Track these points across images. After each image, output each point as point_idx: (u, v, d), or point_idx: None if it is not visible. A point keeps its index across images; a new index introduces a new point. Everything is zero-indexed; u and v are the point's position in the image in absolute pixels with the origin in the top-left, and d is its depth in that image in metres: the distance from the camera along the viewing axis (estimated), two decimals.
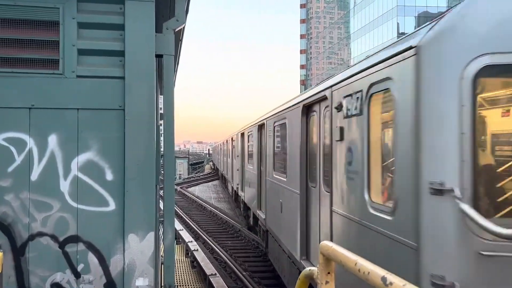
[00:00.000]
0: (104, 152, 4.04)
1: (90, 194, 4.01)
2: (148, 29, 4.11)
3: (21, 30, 3.96)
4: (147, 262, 4.05)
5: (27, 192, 3.92)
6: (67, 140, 3.99)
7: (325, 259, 2.15)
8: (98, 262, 4.01)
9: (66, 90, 4.00)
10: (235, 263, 13.02)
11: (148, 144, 4.08)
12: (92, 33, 4.09)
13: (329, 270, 2.13)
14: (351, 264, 1.82)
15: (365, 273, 1.65)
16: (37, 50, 3.98)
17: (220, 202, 29.50)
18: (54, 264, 3.94)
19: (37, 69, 3.97)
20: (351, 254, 1.92)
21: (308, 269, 2.40)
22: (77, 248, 3.98)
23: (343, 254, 1.92)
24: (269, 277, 11.94)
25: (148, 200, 4.07)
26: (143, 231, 4.04)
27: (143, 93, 4.08)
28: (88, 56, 4.07)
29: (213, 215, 23.22)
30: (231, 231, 18.82)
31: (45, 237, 3.95)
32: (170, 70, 4.33)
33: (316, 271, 2.23)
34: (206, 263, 11.68)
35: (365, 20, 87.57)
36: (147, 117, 4.08)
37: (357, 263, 1.76)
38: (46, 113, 3.96)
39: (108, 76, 4.07)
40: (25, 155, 3.92)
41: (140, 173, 4.04)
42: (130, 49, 4.07)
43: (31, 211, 3.92)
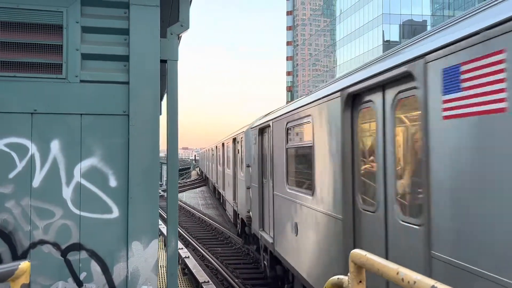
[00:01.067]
0: (108, 158, 3.97)
1: (93, 201, 3.93)
2: (153, 34, 4.07)
3: (24, 33, 3.89)
4: (151, 270, 3.98)
5: (28, 199, 3.83)
6: (69, 146, 3.92)
7: (356, 267, 2.12)
8: (101, 271, 3.93)
9: (69, 95, 3.93)
10: (227, 270, 12.94)
11: (152, 150, 4.03)
12: (96, 38, 4.03)
13: (360, 278, 2.09)
14: (392, 273, 1.77)
15: (410, 282, 1.61)
16: (40, 54, 3.91)
17: (208, 208, 29.36)
18: (56, 272, 3.85)
19: (39, 74, 3.89)
20: (389, 262, 1.88)
21: (336, 277, 2.35)
22: (79, 256, 3.90)
23: (380, 263, 1.88)
24: (261, 284, 11.89)
25: (152, 207, 4.01)
26: (147, 238, 3.98)
27: (148, 98, 4.03)
28: (92, 61, 4.02)
29: (202, 222, 23.09)
30: (221, 238, 18.72)
31: (46, 245, 3.85)
32: (174, 76, 4.28)
33: (346, 280, 2.20)
34: (198, 270, 11.58)
35: (350, 28, 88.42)
36: (151, 123, 4.03)
37: (399, 272, 1.71)
38: (48, 118, 3.89)
39: (112, 81, 4.02)
40: (27, 161, 3.84)
41: (144, 180, 3.98)
42: (135, 54, 4.02)
43: (33, 219, 3.83)
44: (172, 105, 4.27)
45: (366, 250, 4.84)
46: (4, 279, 1.93)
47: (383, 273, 1.85)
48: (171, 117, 4.27)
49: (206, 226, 21.95)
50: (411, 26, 76.52)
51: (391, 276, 1.78)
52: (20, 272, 1.97)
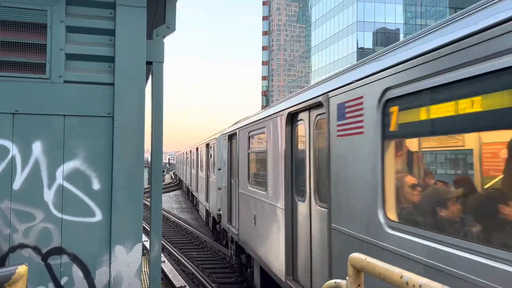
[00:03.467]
0: (91, 160, 3.90)
1: (75, 204, 3.85)
2: (139, 35, 4.02)
3: (6, 32, 3.79)
4: (134, 275, 3.92)
5: (8, 202, 3.72)
6: (52, 148, 3.83)
7: (355, 271, 2.13)
8: (83, 275, 3.84)
9: (53, 96, 3.84)
10: (203, 275, 12.84)
11: (137, 153, 3.97)
12: (81, 38, 3.96)
13: (359, 282, 2.10)
14: (396, 277, 1.77)
15: (416, 286, 1.62)
16: (23, 53, 3.81)
17: (183, 212, 29.11)
18: (36, 277, 3.74)
19: (22, 73, 3.80)
20: (391, 266, 1.89)
21: (333, 281, 2.35)
22: (60, 260, 3.81)
23: (383, 267, 1.87)
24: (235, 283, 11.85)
25: (136, 210, 3.95)
26: (130, 242, 3.92)
27: (133, 100, 3.98)
28: (77, 61, 3.94)
29: (176, 226, 22.86)
30: (196, 242, 18.57)
31: (26, 249, 3.75)
32: (160, 78, 4.24)
33: (344, 284, 2.19)
34: (174, 275, 11.45)
35: (325, 35, 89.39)
36: (136, 125, 3.97)
37: (403, 275, 1.72)
38: (30, 119, 3.79)
39: (96, 82, 3.95)
40: (7, 163, 3.73)
41: (128, 183, 3.92)
42: (120, 55, 3.97)
43: (13, 222, 3.72)
44: (157, 108, 4.23)
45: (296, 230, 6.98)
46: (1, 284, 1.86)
47: (385, 277, 1.86)
48: (156, 119, 4.23)
49: (181, 230, 21.74)
50: (385, 34, 77.91)
51: (394, 280, 1.79)
52: (18, 277, 1.91)
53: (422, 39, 3.94)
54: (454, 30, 3.41)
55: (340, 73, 5.70)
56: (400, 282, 1.74)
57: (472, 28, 3.14)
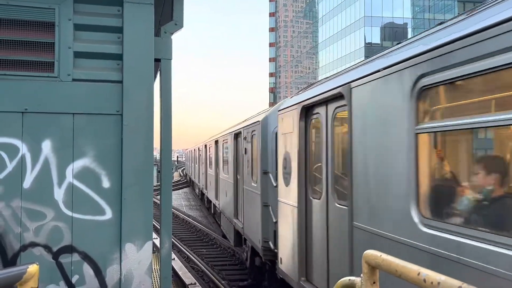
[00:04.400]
0: (101, 158, 3.89)
1: (85, 202, 3.85)
2: (147, 32, 4.01)
3: (15, 31, 3.79)
4: (145, 273, 3.92)
5: (19, 201, 3.72)
6: (61, 146, 3.83)
7: (370, 268, 2.10)
8: (94, 273, 3.84)
9: (61, 94, 3.84)
10: (213, 272, 12.86)
11: (146, 151, 3.96)
12: (89, 35, 3.95)
13: (374, 280, 2.05)
14: (413, 274, 1.73)
15: (434, 284, 1.57)
16: (31, 52, 3.81)
17: (192, 209, 29.19)
18: (47, 276, 3.75)
19: (31, 72, 3.80)
20: (408, 263, 1.82)
21: (347, 278, 2.32)
22: (71, 258, 3.81)
23: (399, 264, 1.81)
24: (248, 286, 11.85)
25: (146, 208, 3.95)
26: (140, 240, 3.91)
27: (142, 98, 3.97)
28: (85, 59, 3.93)
29: (186, 223, 22.93)
30: (206, 239, 18.61)
31: (37, 248, 3.76)
32: (168, 75, 4.22)
33: (359, 281, 2.16)
34: (184, 272, 11.47)
35: (332, 30, 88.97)
36: (145, 122, 3.96)
37: (421, 272, 1.67)
38: (40, 118, 3.79)
39: (105, 80, 3.94)
40: (17, 162, 3.74)
41: (138, 180, 3.92)
42: (129, 52, 3.95)
43: (23, 220, 3.73)
44: (165, 105, 4.21)
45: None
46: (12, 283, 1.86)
47: (401, 274, 1.82)
48: (165, 117, 4.21)
49: (190, 227, 21.81)
50: (392, 28, 77.38)
51: (411, 277, 1.74)
52: (29, 276, 1.90)
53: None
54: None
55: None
56: (417, 280, 1.70)
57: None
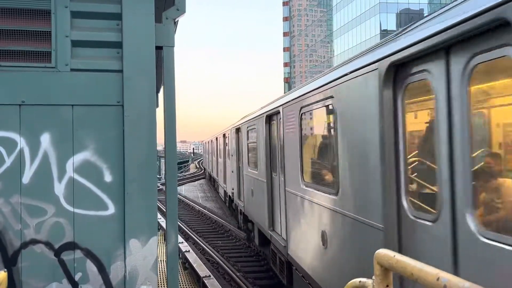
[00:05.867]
0: (102, 151, 3.74)
1: (87, 197, 3.70)
2: (147, 18, 3.82)
3: (9, 19, 3.64)
4: (150, 269, 3.77)
5: (18, 196, 3.60)
6: (61, 139, 3.68)
7: (383, 270, 1.89)
8: (98, 270, 3.71)
9: (60, 85, 3.69)
10: (228, 264, 12.76)
11: (149, 143, 3.80)
12: (87, 23, 3.78)
13: (387, 282, 1.85)
14: (431, 278, 1.52)
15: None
16: (27, 41, 3.66)
17: (208, 201, 29.18)
18: (49, 273, 3.63)
19: (27, 62, 3.65)
20: (425, 265, 1.61)
21: (357, 280, 2.12)
22: (74, 255, 3.68)
23: (415, 267, 1.59)
24: (263, 277, 11.72)
25: (150, 202, 3.79)
26: (145, 236, 3.76)
27: (143, 87, 3.79)
28: (83, 48, 3.77)
29: (201, 215, 22.90)
30: (221, 231, 18.54)
31: (39, 245, 3.63)
32: (170, 63, 4.04)
33: (370, 284, 1.96)
34: (199, 264, 11.38)
35: (347, 18, 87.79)
36: (147, 113, 3.79)
37: (440, 277, 1.47)
38: (37, 110, 3.65)
39: (104, 69, 3.77)
40: (16, 156, 3.60)
41: (141, 174, 3.76)
42: (128, 40, 3.78)
43: (23, 217, 3.60)
44: (169, 94, 4.03)
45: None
46: None
47: (418, 278, 1.60)
48: (168, 106, 4.04)
49: (206, 219, 21.76)
50: (408, 14, 75.97)
51: (429, 281, 1.53)
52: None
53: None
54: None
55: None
56: (437, 285, 1.48)
57: None
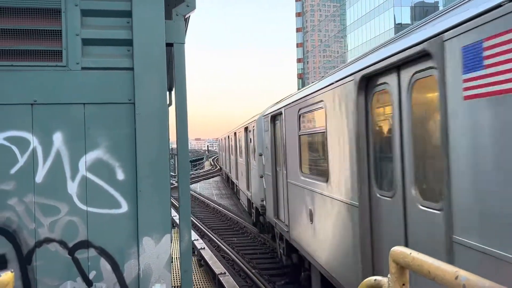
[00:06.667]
0: (114, 149, 3.73)
1: (100, 195, 3.70)
2: (157, 15, 3.80)
3: (20, 19, 3.64)
4: (164, 267, 3.76)
5: (32, 195, 3.61)
6: (73, 138, 3.68)
7: (399, 268, 1.83)
8: (111, 269, 3.71)
9: (71, 84, 3.69)
10: (243, 261, 12.75)
11: (161, 140, 3.78)
12: (97, 21, 3.78)
13: (403, 281, 1.79)
14: (449, 277, 1.45)
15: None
16: (38, 40, 3.66)
17: (222, 198, 29.23)
18: (63, 272, 3.64)
19: (38, 62, 3.65)
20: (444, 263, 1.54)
21: (372, 278, 2.05)
22: (88, 254, 3.68)
23: (432, 264, 1.52)
24: (278, 274, 11.68)
25: (163, 200, 3.77)
26: (158, 233, 3.75)
27: (154, 85, 3.78)
28: (94, 46, 3.77)
29: (216, 212, 22.93)
30: (236, 228, 18.54)
31: (53, 244, 3.64)
32: (181, 60, 4.01)
33: (386, 282, 1.91)
34: (214, 261, 11.37)
35: (361, 12, 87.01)
36: (159, 111, 3.77)
37: (459, 276, 1.40)
38: (49, 109, 3.65)
39: (115, 67, 3.77)
40: (29, 155, 3.62)
41: (153, 172, 3.74)
42: (139, 37, 3.76)
43: (37, 216, 3.62)
44: (180, 91, 4.01)
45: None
46: None
47: (435, 276, 1.54)
48: (180, 104, 4.01)
49: (221, 216, 21.79)
50: (423, 8, 75.03)
51: (447, 280, 1.46)
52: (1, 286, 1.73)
53: None
54: None
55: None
56: (455, 284, 1.41)
57: None
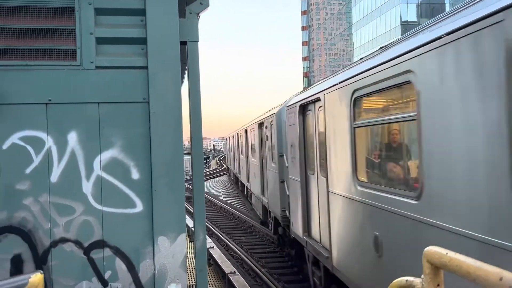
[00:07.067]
0: (129, 149, 3.71)
1: (115, 195, 3.68)
2: (171, 13, 3.77)
3: (33, 18, 3.63)
4: (179, 267, 3.74)
5: (47, 195, 3.60)
6: (88, 137, 3.67)
7: (433, 268, 1.79)
8: (127, 268, 3.69)
9: (85, 83, 3.67)
10: (252, 260, 12.74)
11: (175, 139, 3.76)
12: (111, 20, 3.75)
13: (438, 281, 1.74)
14: (493, 278, 1.38)
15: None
16: (52, 40, 3.64)
17: (230, 197, 29.24)
18: (79, 272, 3.63)
19: (52, 61, 3.63)
20: (485, 264, 1.47)
21: (404, 279, 2.00)
22: (103, 254, 3.67)
23: (472, 265, 1.45)
24: (288, 273, 11.66)
25: (178, 199, 3.75)
26: (173, 233, 3.73)
27: (169, 83, 3.75)
28: (108, 45, 3.74)
29: (224, 211, 22.94)
30: (244, 227, 18.53)
31: (68, 243, 3.63)
32: (195, 58, 3.99)
33: (419, 283, 1.86)
34: (224, 261, 11.38)
35: (367, 10, 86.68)
36: (173, 109, 3.75)
37: (503, 277, 1.32)
38: (64, 109, 3.64)
39: (130, 66, 3.74)
40: (44, 155, 3.60)
41: (168, 171, 3.72)
42: (153, 36, 3.73)
43: (53, 216, 3.60)
44: (194, 90, 3.98)
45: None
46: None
47: (476, 277, 1.48)
48: (194, 103, 3.99)
49: (228, 215, 21.79)
50: (429, 5, 74.62)
51: (491, 281, 1.39)
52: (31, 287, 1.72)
53: None
54: None
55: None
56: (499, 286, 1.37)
57: None
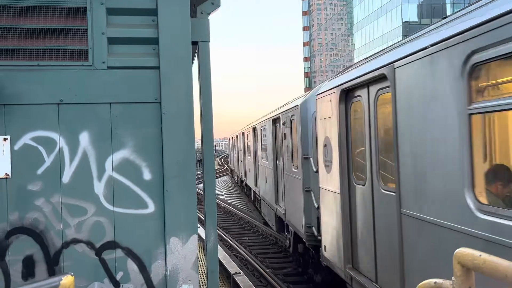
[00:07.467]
0: (141, 149, 3.70)
1: (127, 195, 3.67)
2: (183, 13, 3.75)
3: (45, 18, 3.61)
4: (191, 268, 3.72)
5: (59, 196, 3.58)
6: (100, 138, 3.65)
7: (464, 270, 1.76)
8: (138, 269, 3.68)
9: (97, 83, 3.65)
10: (257, 260, 12.71)
11: (187, 139, 3.74)
12: (123, 20, 3.74)
13: (469, 284, 1.72)
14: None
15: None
16: (64, 40, 3.63)
17: (232, 198, 29.22)
18: (91, 273, 3.61)
19: (64, 61, 3.62)
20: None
21: (432, 281, 1.99)
22: (115, 255, 3.65)
23: (511, 267, 1.49)
24: (292, 274, 11.65)
25: (190, 200, 3.73)
26: (185, 234, 3.71)
27: (180, 84, 3.73)
28: (119, 45, 3.72)
29: (227, 212, 22.92)
30: (247, 227, 18.51)
31: (80, 244, 3.61)
32: (206, 58, 3.97)
33: (449, 285, 1.84)
34: (228, 261, 11.35)
35: (368, 10, 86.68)
36: (185, 110, 3.73)
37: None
38: (76, 109, 3.62)
39: (141, 66, 3.73)
40: (55, 156, 3.58)
41: (180, 171, 3.70)
42: (165, 36, 3.72)
43: (64, 216, 3.59)
44: (205, 90, 3.97)
45: None
46: None
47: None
48: (205, 103, 3.97)
49: (231, 215, 21.78)
50: (431, 5, 74.60)
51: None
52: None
53: None
54: None
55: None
56: None
57: None
